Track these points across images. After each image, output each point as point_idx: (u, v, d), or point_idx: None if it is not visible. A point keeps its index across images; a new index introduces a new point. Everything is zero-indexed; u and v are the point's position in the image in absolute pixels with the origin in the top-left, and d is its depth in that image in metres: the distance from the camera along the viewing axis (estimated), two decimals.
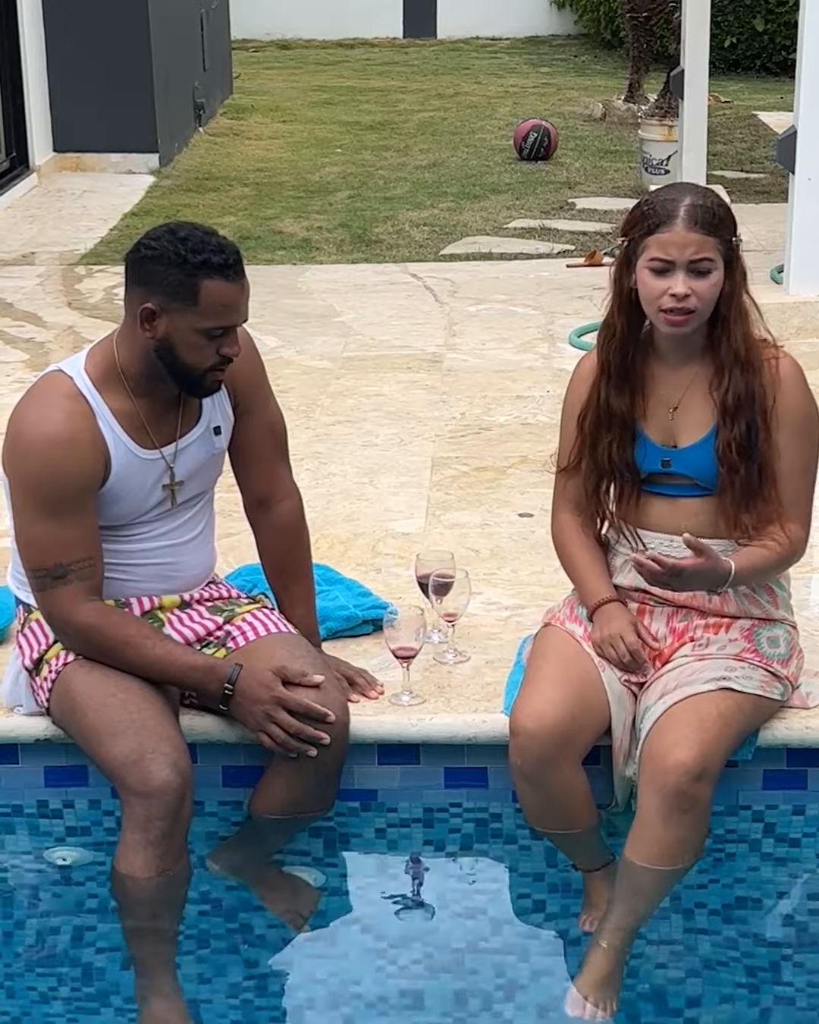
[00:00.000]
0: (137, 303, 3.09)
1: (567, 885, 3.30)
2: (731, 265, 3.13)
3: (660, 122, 9.88)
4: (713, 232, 3.10)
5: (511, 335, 6.61)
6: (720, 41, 14.64)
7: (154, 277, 3.06)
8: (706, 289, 3.11)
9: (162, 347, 3.10)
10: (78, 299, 7.39)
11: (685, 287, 3.10)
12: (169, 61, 11.02)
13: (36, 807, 3.43)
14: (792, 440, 3.20)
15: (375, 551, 4.37)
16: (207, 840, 3.36)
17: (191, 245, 3.04)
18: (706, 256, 3.10)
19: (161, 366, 3.13)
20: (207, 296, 3.05)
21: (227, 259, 3.05)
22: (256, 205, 9.55)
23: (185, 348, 3.09)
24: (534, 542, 4.38)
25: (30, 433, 3.11)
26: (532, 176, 10.40)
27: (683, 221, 3.09)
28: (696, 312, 3.13)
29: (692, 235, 3.09)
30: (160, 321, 3.08)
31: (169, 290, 3.05)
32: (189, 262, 3.03)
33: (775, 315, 3.33)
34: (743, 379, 3.17)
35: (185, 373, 3.13)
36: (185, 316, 3.06)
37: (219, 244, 3.07)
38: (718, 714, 3.09)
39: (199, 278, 3.04)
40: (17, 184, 9.92)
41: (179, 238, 3.05)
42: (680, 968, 3.13)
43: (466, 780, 3.40)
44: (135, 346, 3.14)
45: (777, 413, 3.18)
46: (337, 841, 3.40)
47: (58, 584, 3.13)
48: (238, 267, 3.08)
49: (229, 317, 3.09)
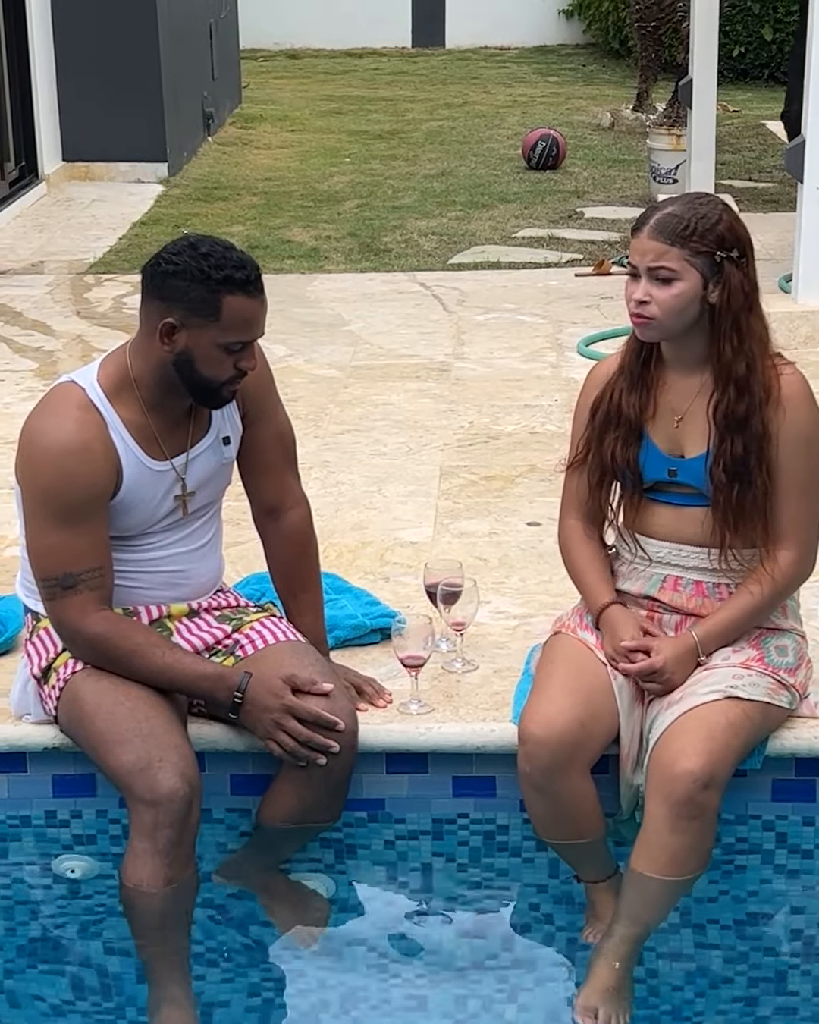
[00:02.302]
0: (157, 317, 3.09)
1: (574, 896, 3.30)
2: (721, 280, 3.10)
3: (669, 131, 9.88)
4: (677, 242, 3.08)
5: (519, 344, 6.61)
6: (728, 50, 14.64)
7: (175, 292, 3.07)
8: (666, 298, 3.11)
9: (180, 360, 3.11)
10: (87, 308, 7.40)
11: (643, 293, 3.12)
12: (178, 70, 11.04)
13: (44, 816, 3.42)
14: (793, 459, 3.18)
15: (383, 560, 4.37)
16: (216, 849, 3.36)
17: (213, 261, 3.05)
18: (664, 265, 3.09)
19: (177, 379, 3.14)
20: (229, 311, 3.06)
21: (248, 275, 3.07)
22: (265, 214, 9.57)
23: (204, 362, 3.10)
24: (542, 551, 4.38)
25: (43, 443, 3.12)
26: (540, 185, 10.40)
27: (649, 229, 3.10)
28: (656, 320, 3.13)
29: (651, 243, 3.10)
30: (180, 335, 3.09)
31: (191, 305, 3.06)
32: (212, 278, 3.04)
33: (784, 324, 3.32)
34: (738, 399, 3.14)
35: (202, 386, 3.14)
36: (206, 331, 3.07)
37: (240, 260, 3.08)
38: (727, 723, 3.09)
39: (221, 294, 3.05)
40: (26, 193, 9.94)
41: (201, 254, 3.06)
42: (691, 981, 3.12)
43: (474, 789, 3.40)
44: (151, 358, 3.15)
45: (780, 432, 3.16)
46: (345, 851, 3.40)
47: (68, 593, 3.14)
48: (259, 282, 3.10)
49: (249, 332, 3.11)
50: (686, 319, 3.14)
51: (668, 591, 3.29)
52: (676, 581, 3.28)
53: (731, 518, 3.18)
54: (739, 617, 3.22)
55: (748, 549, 3.23)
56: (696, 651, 3.21)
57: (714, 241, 3.09)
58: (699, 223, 3.08)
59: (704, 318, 3.14)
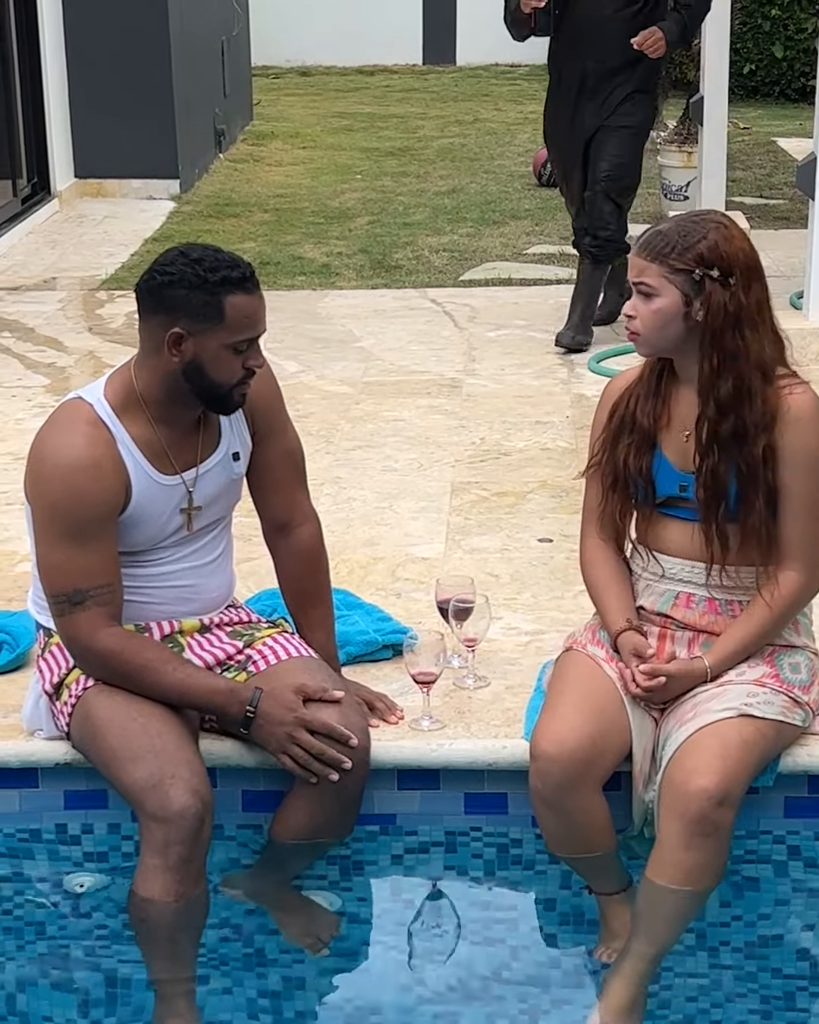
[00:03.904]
0: (161, 330, 3.10)
1: (587, 911, 3.29)
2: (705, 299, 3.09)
3: (679, 148, 9.89)
4: (656, 259, 3.09)
5: (530, 360, 6.61)
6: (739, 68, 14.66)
7: (176, 302, 3.08)
8: (647, 314, 3.13)
9: (190, 369, 3.12)
10: (99, 324, 7.41)
11: (630, 307, 3.17)
12: (190, 88, 11.07)
13: (55, 831, 3.42)
14: (801, 479, 3.17)
15: (395, 576, 4.37)
16: (227, 865, 3.35)
17: (207, 264, 3.07)
18: (643, 281, 3.12)
19: (187, 388, 3.15)
20: (232, 311, 3.08)
21: (244, 272, 3.10)
22: (276, 231, 9.59)
23: (214, 366, 3.11)
24: (554, 567, 4.38)
25: (52, 459, 3.13)
26: (551, 202, 10.41)
27: (637, 245, 3.14)
28: (640, 335, 3.15)
29: (636, 259, 3.14)
30: (187, 343, 3.10)
31: (194, 312, 3.07)
32: (209, 281, 3.06)
33: (795, 341, 3.29)
34: (720, 417, 3.13)
35: (213, 391, 3.15)
36: (213, 334, 3.09)
37: (232, 259, 3.11)
38: (741, 740, 3.08)
39: (222, 295, 3.07)
40: (39, 210, 9.97)
41: (193, 259, 3.08)
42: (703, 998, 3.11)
43: (486, 806, 3.40)
44: (157, 372, 3.15)
45: (786, 451, 3.15)
46: (353, 867, 3.39)
47: (77, 610, 3.14)
48: (254, 279, 3.13)
49: (254, 328, 3.13)
50: (670, 335, 3.14)
51: (681, 608, 3.29)
52: (688, 598, 3.28)
53: (721, 537, 3.18)
54: (748, 640, 3.22)
55: (746, 567, 3.22)
56: (706, 672, 3.21)
57: (693, 259, 3.09)
58: (680, 241, 3.09)
59: (693, 336, 3.14)
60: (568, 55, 6.61)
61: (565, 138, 6.74)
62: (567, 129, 6.70)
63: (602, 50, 6.50)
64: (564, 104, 6.70)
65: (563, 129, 6.74)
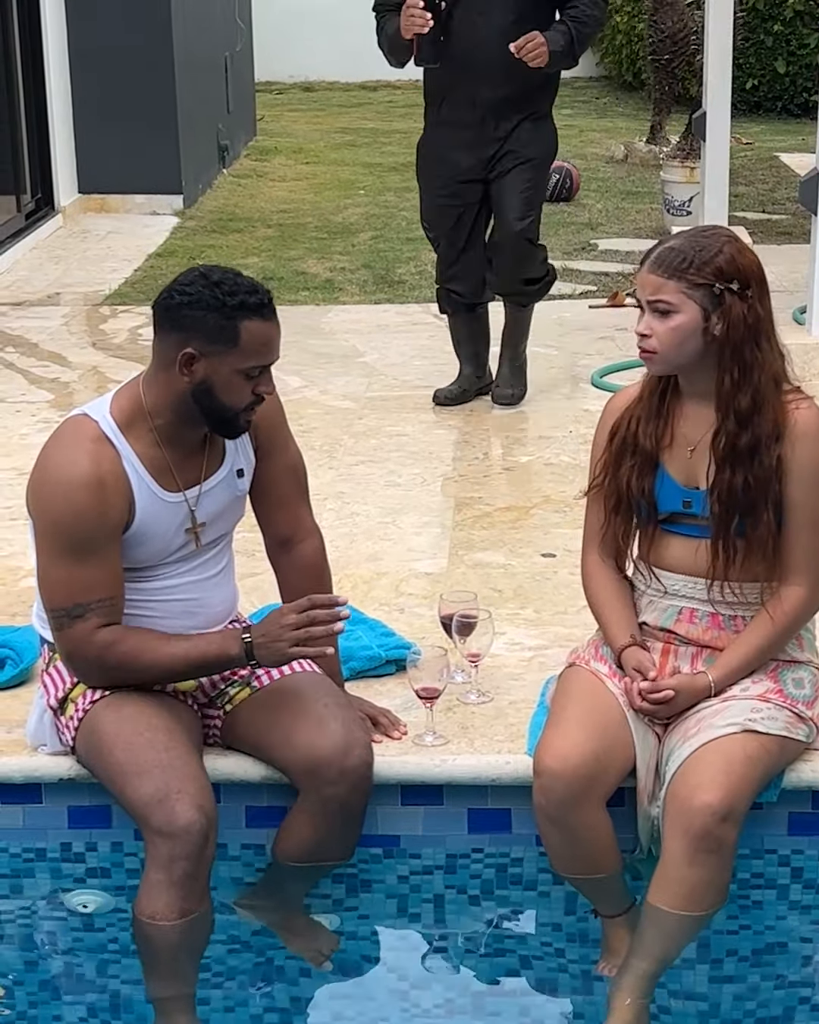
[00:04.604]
0: (175, 349, 3.11)
1: (587, 930, 3.28)
2: (722, 312, 3.10)
3: (682, 164, 9.91)
4: (674, 275, 3.09)
5: (534, 375, 6.60)
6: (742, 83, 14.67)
7: (192, 322, 3.08)
8: (664, 331, 3.12)
9: (200, 390, 3.12)
10: (102, 339, 7.42)
11: (645, 326, 3.14)
12: (193, 103, 11.10)
13: (59, 847, 3.42)
14: (807, 494, 3.17)
15: (398, 591, 4.37)
16: (231, 882, 3.35)
17: (226, 288, 3.07)
18: (661, 298, 3.11)
19: (196, 409, 3.15)
20: (247, 336, 3.09)
21: (262, 299, 3.11)
22: (279, 246, 9.60)
23: (224, 389, 3.12)
24: (557, 582, 4.38)
25: (55, 476, 3.13)
26: (554, 217, 10.42)
27: (649, 262, 3.13)
28: (658, 353, 3.15)
29: (650, 276, 3.12)
30: (199, 365, 3.10)
31: (209, 334, 3.08)
32: (227, 305, 3.06)
33: (797, 356, 3.30)
34: (739, 431, 3.14)
35: (221, 414, 3.16)
36: (226, 358, 3.09)
37: (251, 285, 3.12)
38: (745, 756, 3.08)
39: (238, 320, 3.07)
40: (42, 225, 9.98)
41: (213, 282, 3.08)
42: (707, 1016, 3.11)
43: (490, 822, 3.39)
44: (167, 390, 3.16)
45: (792, 466, 3.16)
46: (359, 886, 3.39)
47: (76, 622, 3.14)
48: (272, 305, 3.13)
49: (267, 355, 3.14)
50: (688, 351, 3.14)
51: (684, 623, 3.29)
52: (691, 613, 3.28)
53: (730, 551, 3.18)
54: (752, 655, 3.23)
55: (749, 583, 3.22)
56: (710, 687, 3.21)
57: (712, 273, 3.09)
58: (697, 256, 3.09)
59: (711, 350, 3.15)
60: (454, 85, 5.71)
61: (454, 179, 5.83)
62: (457, 169, 5.81)
63: (493, 77, 5.64)
64: (452, 141, 5.81)
65: (451, 170, 5.83)
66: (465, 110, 5.75)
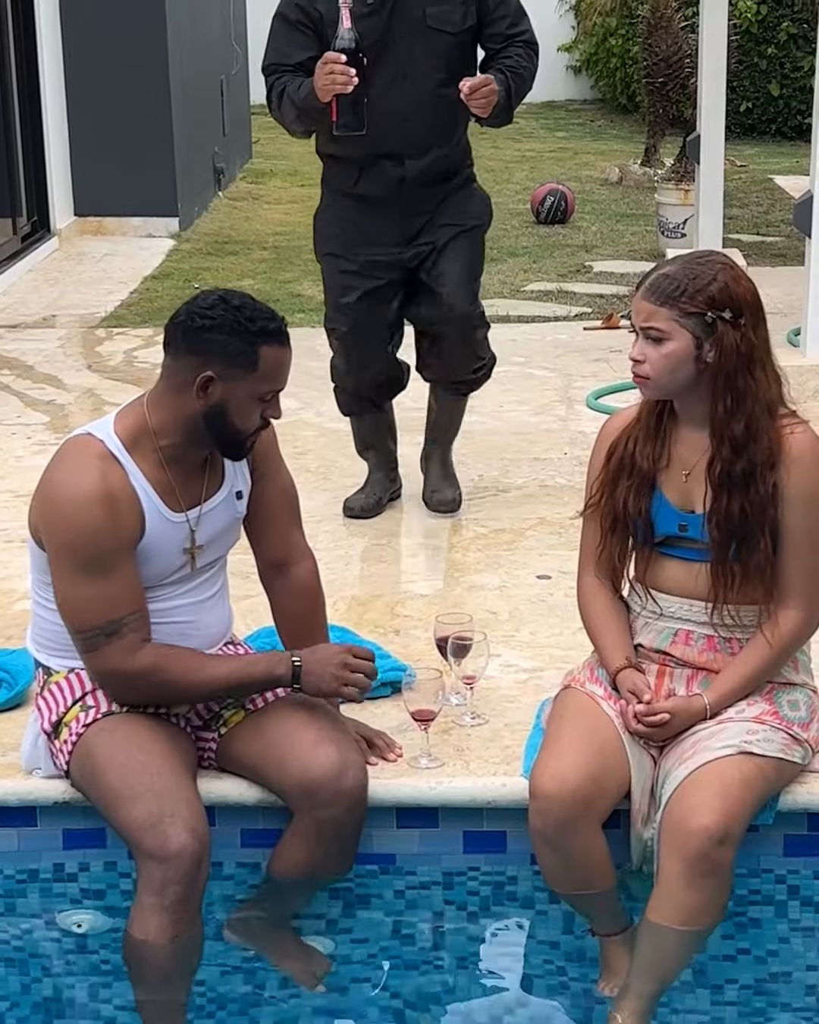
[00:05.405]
0: (192, 371, 3.12)
1: (586, 950, 3.28)
2: (715, 340, 3.10)
3: (676, 186, 9.94)
4: (667, 303, 3.09)
5: (529, 397, 6.63)
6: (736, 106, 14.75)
7: (213, 346, 3.10)
8: (656, 358, 3.13)
9: (214, 413, 3.14)
10: (98, 362, 7.43)
11: (638, 352, 3.15)
12: (190, 126, 11.13)
13: (52, 870, 3.41)
14: (802, 518, 3.17)
15: (393, 613, 4.37)
16: (225, 904, 3.34)
17: (247, 313, 3.11)
18: (653, 325, 3.11)
19: (205, 431, 3.16)
20: (265, 362, 3.12)
21: (279, 325, 3.15)
22: (275, 268, 9.62)
23: (238, 413, 3.14)
24: (553, 604, 4.38)
25: (66, 495, 3.12)
26: (549, 239, 10.46)
27: (643, 289, 3.14)
28: (651, 379, 3.15)
29: (643, 303, 3.13)
30: (215, 388, 3.12)
31: (229, 358, 3.10)
32: (249, 330, 3.09)
33: (792, 378, 3.30)
34: (735, 458, 3.14)
35: (231, 437, 3.18)
36: (243, 382, 3.12)
37: (269, 310, 3.16)
38: (741, 778, 3.08)
39: (258, 345, 3.10)
40: (38, 248, 10.01)
41: (234, 307, 3.11)
42: None
43: (485, 844, 3.39)
44: (177, 412, 3.16)
45: (787, 491, 3.16)
46: (355, 904, 3.38)
47: (111, 640, 3.13)
48: (287, 332, 3.18)
49: (281, 381, 3.18)
50: (680, 378, 3.15)
51: (679, 645, 3.29)
52: (687, 635, 3.28)
53: (728, 576, 3.18)
54: (748, 678, 3.22)
55: (747, 606, 3.23)
56: (705, 710, 3.21)
57: (704, 301, 3.09)
58: (690, 283, 3.10)
59: (704, 377, 3.15)
60: (372, 157, 4.83)
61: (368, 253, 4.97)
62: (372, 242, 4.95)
63: (420, 146, 4.81)
64: (369, 214, 4.94)
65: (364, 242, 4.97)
66: (387, 184, 4.88)
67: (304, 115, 4.78)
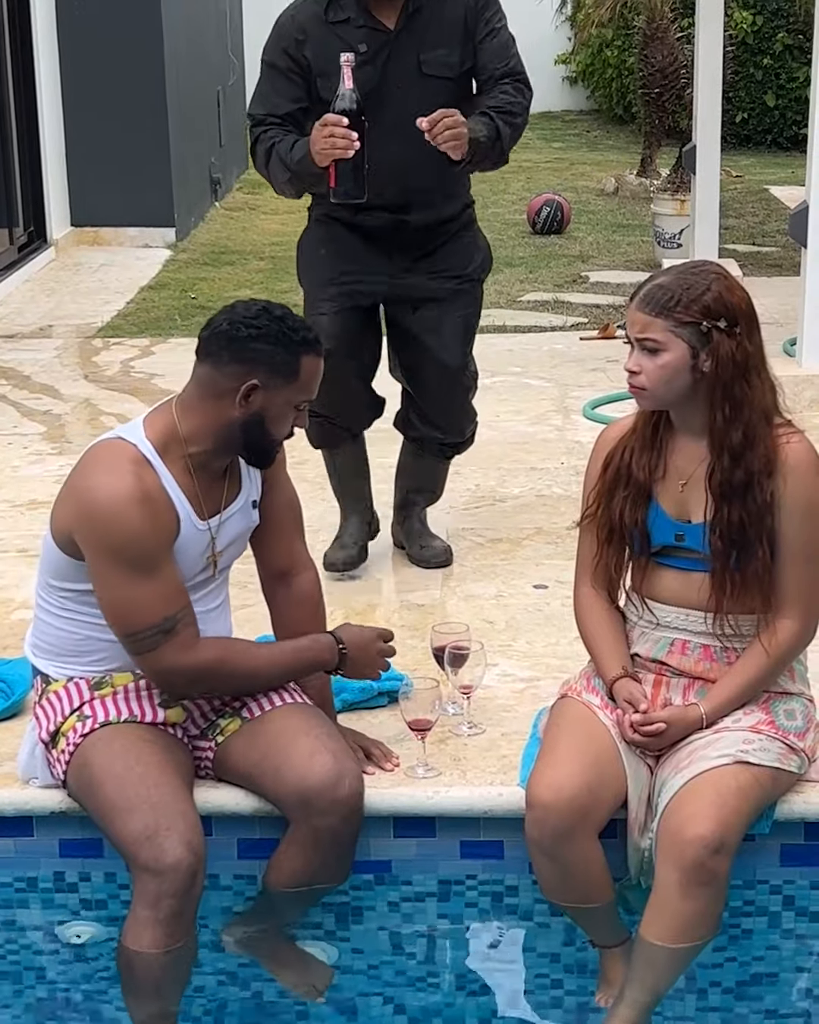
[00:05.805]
0: (236, 380, 3.15)
1: (585, 961, 3.28)
2: (712, 350, 3.10)
3: (673, 196, 9.96)
4: (661, 313, 3.10)
5: (525, 407, 6.63)
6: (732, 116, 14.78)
7: (259, 355, 3.13)
8: (652, 369, 3.13)
9: (252, 421, 3.17)
10: (95, 372, 7.43)
11: (634, 363, 3.16)
12: (186, 137, 11.15)
13: (51, 880, 3.41)
14: (798, 528, 3.18)
15: (390, 623, 4.37)
16: (221, 914, 3.34)
17: (290, 324, 3.16)
18: (649, 336, 3.12)
19: (240, 439, 3.20)
20: (305, 371, 3.18)
21: (316, 336, 3.22)
22: (272, 279, 9.62)
23: (275, 421, 3.19)
24: (549, 614, 4.38)
25: (107, 498, 3.11)
26: (545, 250, 10.47)
27: (638, 300, 3.14)
28: (647, 390, 3.16)
29: (638, 314, 3.13)
30: (257, 396, 3.15)
31: (273, 367, 3.14)
32: (293, 340, 3.15)
33: (788, 388, 3.30)
34: (733, 467, 3.15)
35: (265, 444, 3.23)
36: (283, 391, 3.17)
37: (304, 322, 3.22)
38: (737, 787, 3.08)
39: (300, 354, 3.16)
40: (35, 258, 10.02)
41: (277, 317, 3.16)
42: None
43: (482, 853, 3.39)
44: (213, 419, 3.18)
45: (783, 500, 3.17)
46: (350, 914, 3.38)
47: (169, 637, 3.14)
48: (321, 343, 3.25)
49: (315, 390, 3.24)
50: (677, 388, 3.15)
51: (676, 655, 3.29)
52: (684, 645, 3.29)
53: (728, 586, 3.19)
54: (744, 687, 3.23)
55: (746, 615, 3.23)
56: (701, 719, 3.21)
57: (699, 311, 3.10)
58: (685, 294, 3.10)
59: (701, 387, 3.16)
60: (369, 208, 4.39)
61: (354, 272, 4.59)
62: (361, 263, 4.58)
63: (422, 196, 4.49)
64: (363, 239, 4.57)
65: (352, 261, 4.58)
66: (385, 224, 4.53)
67: (297, 179, 4.36)
